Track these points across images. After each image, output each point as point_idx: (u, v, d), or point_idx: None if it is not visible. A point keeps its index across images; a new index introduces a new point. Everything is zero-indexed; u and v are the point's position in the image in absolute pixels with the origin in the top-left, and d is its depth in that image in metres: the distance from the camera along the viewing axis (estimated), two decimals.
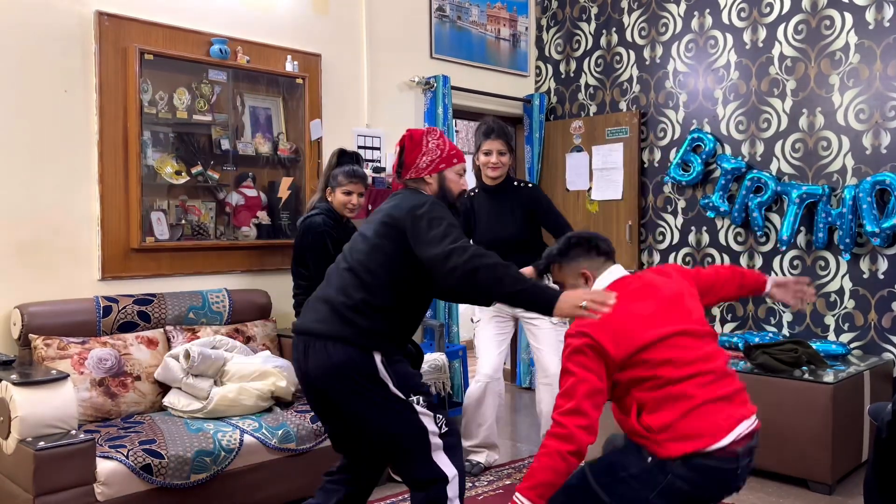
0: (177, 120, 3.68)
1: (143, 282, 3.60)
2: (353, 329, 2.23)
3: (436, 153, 2.45)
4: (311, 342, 2.27)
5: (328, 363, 2.23)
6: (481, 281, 2.12)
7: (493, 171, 3.60)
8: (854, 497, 3.40)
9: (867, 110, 4.11)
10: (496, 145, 3.57)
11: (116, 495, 2.64)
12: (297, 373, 2.38)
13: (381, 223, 2.32)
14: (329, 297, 2.31)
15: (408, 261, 2.25)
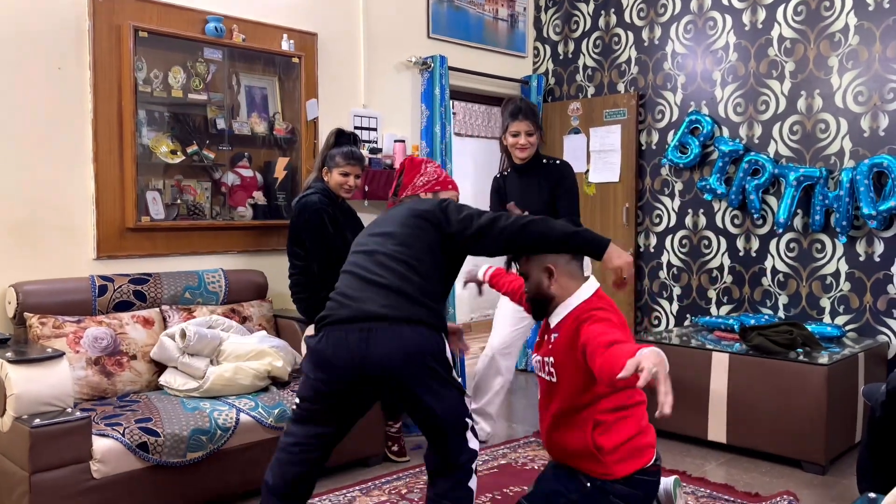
0: (172, 99, 3.65)
1: (139, 261, 3.59)
2: (426, 310, 2.23)
3: (433, 176, 2.64)
4: (376, 328, 2.18)
5: (403, 347, 2.16)
6: (533, 233, 2.30)
7: (522, 151, 3.60)
8: (847, 477, 3.42)
9: (866, 92, 4.09)
10: (524, 126, 3.56)
11: (112, 473, 2.64)
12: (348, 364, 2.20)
13: (408, 217, 2.37)
14: (384, 283, 2.25)
15: (443, 248, 2.35)
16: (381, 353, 2.17)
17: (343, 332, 2.22)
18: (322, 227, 3.32)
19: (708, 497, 3.13)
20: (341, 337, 2.21)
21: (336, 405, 2.28)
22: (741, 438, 3.70)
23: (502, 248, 2.39)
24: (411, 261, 2.28)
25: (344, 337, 2.21)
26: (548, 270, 2.38)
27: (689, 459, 3.67)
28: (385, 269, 2.28)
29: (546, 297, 2.41)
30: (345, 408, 2.31)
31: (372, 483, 3.26)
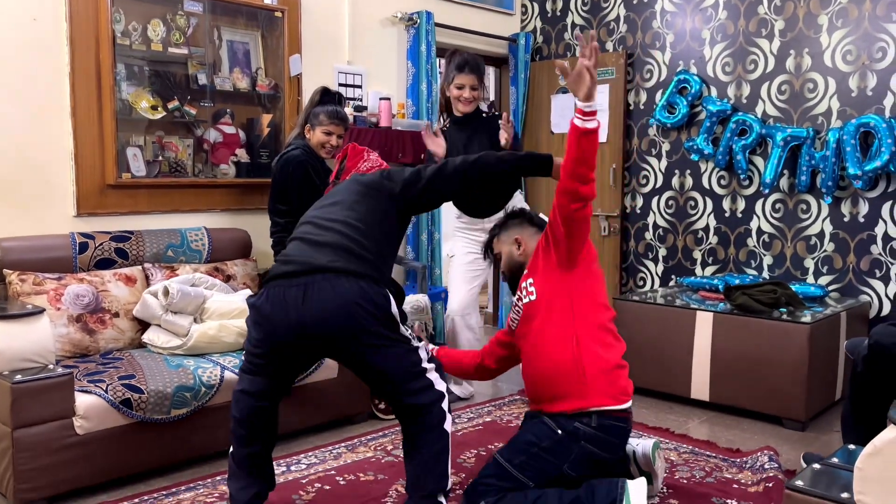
0: (151, 53, 3.57)
1: (120, 219, 3.54)
2: (368, 265, 2.25)
3: (376, 163, 2.76)
4: (314, 281, 2.17)
5: (341, 298, 2.15)
6: (483, 168, 2.44)
7: (466, 105, 3.63)
8: (826, 433, 3.48)
9: (854, 51, 4.07)
10: (469, 80, 3.59)
11: (96, 429, 2.64)
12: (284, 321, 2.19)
13: (353, 185, 2.47)
14: (326, 241, 2.27)
15: (394, 210, 2.43)
16: (317, 306, 2.16)
17: (281, 288, 2.22)
18: (308, 180, 3.29)
19: (690, 453, 3.17)
20: (279, 294, 2.22)
21: (277, 362, 2.31)
22: (724, 396, 3.74)
23: (458, 186, 2.47)
24: (356, 223, 2.34)
25: (282, 294, 2.21)
26: (517, 241, 2.69)
27: (673, 417, 3.71)
28: (330, 231, 2.32)
29: (519, 266, 2.67)
30: (286, 364, 2.34)
31: (358, 440, 3.27)
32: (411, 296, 3.97)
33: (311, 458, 3.05)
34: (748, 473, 2.92)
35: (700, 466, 3.01)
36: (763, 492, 2.72)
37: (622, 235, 5.12)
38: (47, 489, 2.55)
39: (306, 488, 2.75)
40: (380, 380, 2.30)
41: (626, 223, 5.13)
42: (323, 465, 2.99)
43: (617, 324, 2.57)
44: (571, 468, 2.38)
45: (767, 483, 2.76)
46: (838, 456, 2.08)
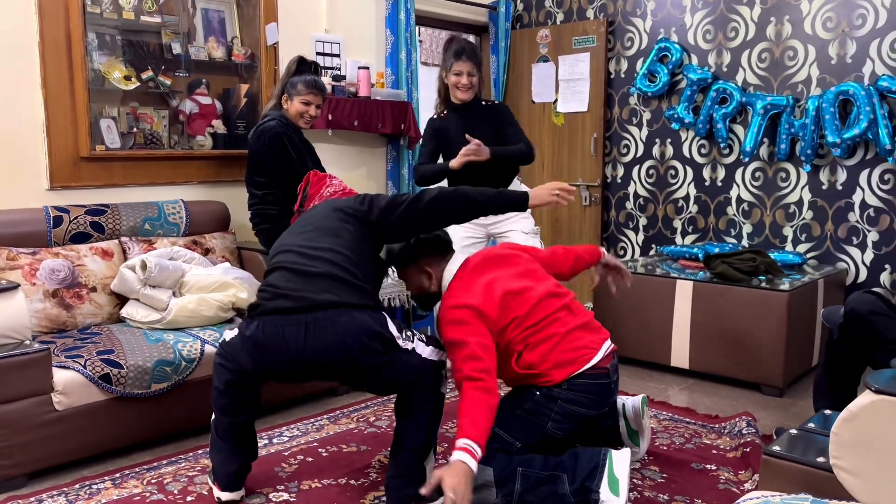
0: (123, 22, 3.49)
1: (95, 192, 3.48)
2: (362, 294, 2.25)
3: (339, 188, 2.75)
4: (314, 320, 2.16)
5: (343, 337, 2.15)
6: (456, 203, 2.41)
7: (464, 92, 3.56)
8: (803, 398, 3.53)
9: (835, 18, 4.06)
10: (466, 67, 3.52)
11: (75, 404, 2.62)
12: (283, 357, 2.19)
13: (330, 212, 2.45)
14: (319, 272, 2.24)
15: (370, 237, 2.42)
16: (319, 345, 2.17)
17: (279, 325, 2.18)
18: (284, 151, 3.23)
19: (669, 420, 3.20)
20: (277, 331, 2.18)
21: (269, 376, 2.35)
22: (703, 364, 3.79)
23: (434, 219, 2.44)
24: (345, 251, 2.31)
25: (280, 332, 2.18)
26: (426, 272, 2.56)
27: (653, 384, 3.75)
28: (319, 260, 2.28)
29: (434, 296, 2.61)
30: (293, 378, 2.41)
31: (340, 411, 3.28)
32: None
33: (294, 431, 3.05)
34: (727, 439, 2.97)
35: (679, 433, 3.04)
36: (741, 457, 2.76)
37: (603, 205, 5.13)
38: (27, 465, 2.54)
39: (289, 460, 2.76)
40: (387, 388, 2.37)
41: (607, 193, 5.13)
42: (305, 437, 2.99)
43: (597, 295, 2.59)
44: (556, 427, 2.40)
45: (745, 448, 2.80)
46: (814, 421, 2.11)
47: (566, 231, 5.29)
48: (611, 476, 2.28)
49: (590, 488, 2.26)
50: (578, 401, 2.41)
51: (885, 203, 3.98)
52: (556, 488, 2.28)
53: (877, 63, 3.93)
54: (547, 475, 2.30)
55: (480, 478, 2.31)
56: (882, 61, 3.91)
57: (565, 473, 2.30)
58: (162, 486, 2.53)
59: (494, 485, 2.30)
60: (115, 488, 2.52)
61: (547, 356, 2.41)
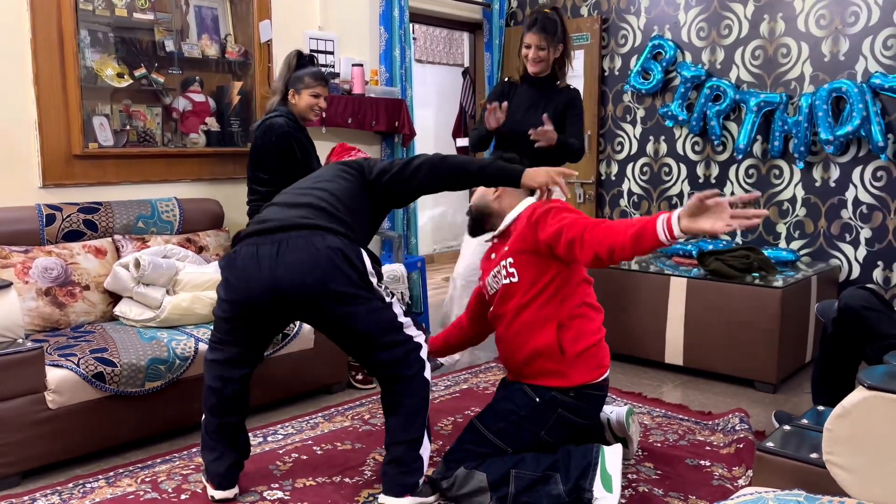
0: (116, 19, 3.47)
1: (88, 190, 3.46)
2: (343, 224, 2.25)
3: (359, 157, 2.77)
4: (289, 238, 2.16)
5: (316, 254, 2.13)
6: (448, 168, 2.38)
7: (533, 65, 3.49)
8: (797, 395, 3.55)
9: (828, 16, 4.07)
10: (535, 39, 3.44)
11: (68, 403, 2.61)
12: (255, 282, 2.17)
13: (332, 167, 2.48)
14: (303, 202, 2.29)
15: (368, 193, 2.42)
16: (292, 261, 2.14)
17: (254, 245, 2.21)
18: (290, 152, 3.23)
19: (663, 417, 3.21)
20: (252, 251, 2.20)
21: (248, 326, 2.31)
22: (697, 360, 3.80)
23: (424, 181, 2.41)
24: (333, 190, 2.35)
25: (255, 251, 2.19)
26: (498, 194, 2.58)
27: (647, 381, 3.76)
28: (307, 195, 2.33)
29: (486, 212, 2.60)
30: (257, 328, 2.33)
31: (335, 409, 3.27)
32: (388, 265, 3.95)
33: (288, 429, 3.05)
34: (720, 435, 2.97)
35: (673, 430, 3.05)
36: (735, 453, 2.77)
37: (597, 202, 5.13)
38: (20, 464, 2.53)
39: (283, 458, 2.76)
40: (356, 339, 2.29)
41: (601, 190, 5.14)
42: (300, 435, 2.99)
43: (594, 290, 2.58)
44: (548, 434, 2.41)
45: (738, 444, 2.81)
46: (808, 417, 2.12)
47: None
48: (603, 473, 2.29)
49: (583, 487, 2.27)
50: (579, 411, 2.41)
51: (877, 200, 3.99)
52: (550, 489, 2.28)
53: (870, 60, 3.94)
54: (540, 475, 2.30)
55: (473, 483, 2.32)
56: (875, 58, 3.92)
57: (558, 473, 2.30)
58: (156, 485, 2.53)
59: (489, 489, 2.30)
60: (108, 487, 2.51)
61: (584, 354, 2.38)
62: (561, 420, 2.40)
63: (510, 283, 2.44)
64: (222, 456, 2.38)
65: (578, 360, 2.38)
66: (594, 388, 2.43)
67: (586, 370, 2.39)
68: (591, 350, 2.41)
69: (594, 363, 2.42)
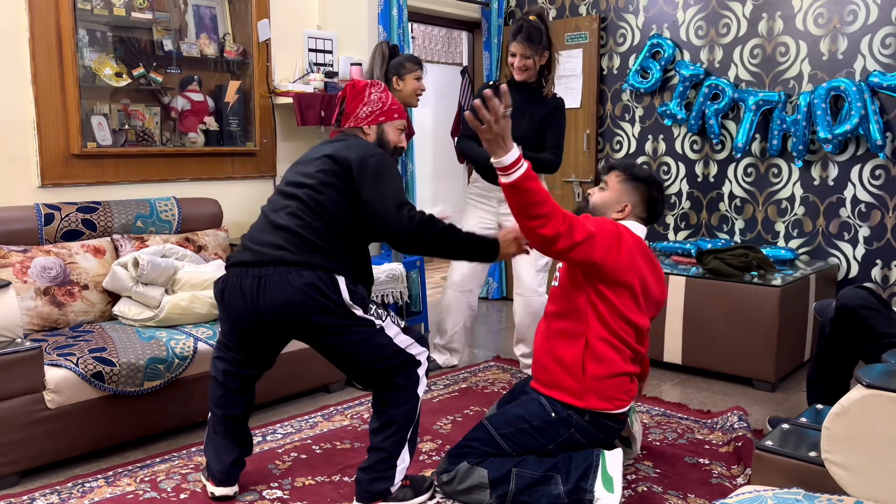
0: (114, 18, 3.47)
1: (87, 189, 3.46)
2: (321, 255, 2.22)
3: (377, 105, 2.48)
4: (268, 275, 2.18)
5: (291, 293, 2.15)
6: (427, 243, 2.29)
7: (519, 74, 3.53)
8: (795, 393, 3.55)
9: (826, 14, 4.07)
10: (520, 48, 3.47)
11: (67, 402, 2.61)
12: (242, 310, 2.22)
13: (329, 161, 2.30)
14: (282, 225, 2.25)
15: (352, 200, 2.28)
16: (270, 299, 2.18)
17: (239, 278, 2.24)
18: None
19: (662, 415, 3.21)
20: (236, 284, 2.24)
21: (248, 344, 2.35)
22: (696, 359, 3.80)
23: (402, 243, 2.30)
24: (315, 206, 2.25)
25: (239, 284, 2.24)
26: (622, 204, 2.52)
27: None
28: (286, 211, 2.27)
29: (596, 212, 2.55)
30: (258, 345, 2.37)
31: (335, 408, 3.27)
32: (386, 264, 3.95)
33: (287, 428, 3.05)
34: (719, 434, 2.98)
35: (672, 428, 3.06)
36: (733, 451, 2.77)
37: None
38: (20, 464, 2.53)
39: (282, 457, 2.76)
40: (351, 364, 2.32)
41: None
42: (299, 434, 2.99)
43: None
44: (555, 448, 2.42)
45: (737, 442, 2.81)
46: (806, 416, 2.12)
47: None
48: (604, 474, 2.29)
49: (583, 488, 2.27)
50: (591, 436, 2.42)
51: (876, 199, 4.00)
52: (550, 489, 2.29)
53: (868, 59, 3.94)
54: (541, 476, 2.31)
55: (474, 479, 2.32)
56: (873, 57, 3.92)
57: (559, 474, 2.31)
58: (155, 484, 2.53)
59: (489, 486, 2.30)
60: (108, 486, 2.51)
61: (604, 381, 2.38)
62: (571, 439, 2.41)
63: (554, 285, 2.53)
64: (225, 451, 2.40)
65: (597, 386, 2.37)
66: (610, 419, 2.43)
67: (603, 397, 2.39)
68: (612, 380, 2.39)
69: (613, 394, 2.40)
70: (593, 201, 2.58)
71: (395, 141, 2.52)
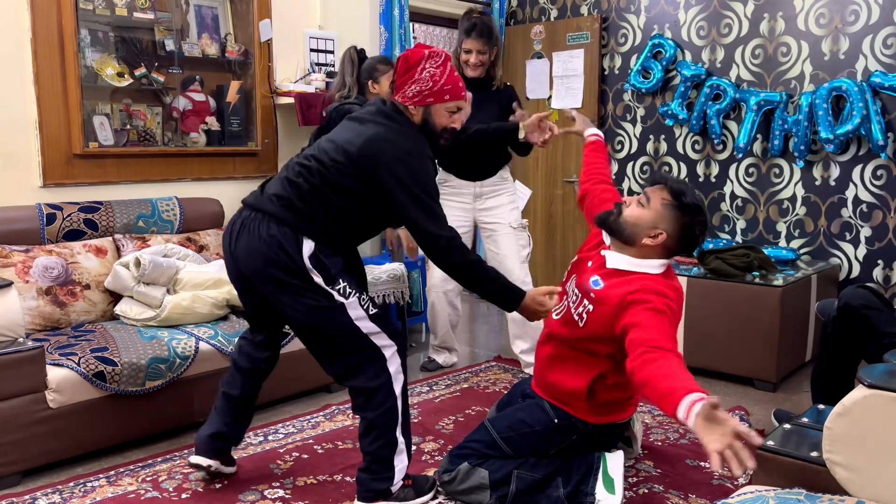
0: (116, 18, 3.47)
1: (89, 189, 3.46)
2: (295, 214, 2.20)
3: (427, 84, 2.26)
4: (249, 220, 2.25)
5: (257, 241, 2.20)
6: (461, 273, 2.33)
7: (473, 70, 3.54)
8: (796, 393, 3.55)
9: (827, 14, 4.07)
10: (476, 45, 3.49)
11: (69, 402, 2.61)
12: (226, 253, 2.32)
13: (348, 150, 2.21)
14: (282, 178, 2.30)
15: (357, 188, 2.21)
16: (242, 243, 2.24)
17: (236, 217, 2.33)
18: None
19: (663, 415, 3.21)
20: (231, 221, 2.34)
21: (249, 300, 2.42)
22: (697, 359, 3.79)
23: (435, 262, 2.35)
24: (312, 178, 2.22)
25: (231, 223, 2.33)
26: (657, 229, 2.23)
27: None
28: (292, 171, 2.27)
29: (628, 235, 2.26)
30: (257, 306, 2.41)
31: (336, 408, 3.27)
32: (388, 264, 3.95)
33: (289, 428, 3.05)
34: None
35: (674, 428, 3.05)
36: None
37: None
38: (21, 463, 2.53)
39: (284, 457, 2.76)
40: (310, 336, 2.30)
41: None
42: (301, 434, 2.99)
43: None
44: (557, 453, 2.41)
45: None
46: (808, 416, 2.12)
47: (560, 227, 5.30)
48: (605, 476, 2.29)
49: (584, 491, 2.28)
50: (593, 441, 2.41)
51: (877, 199, 3.99)
52: (551, 491, 2.29)
53: (870, 59, 3.94)
54: (542, 477, 2.31)
55: (475, 480, 2.32)
56: (875, 57, 3.92)
57: (560, 476, 2.31)
58: (157, 484, 2.53)
59: (489, 487, 2.30)
60: (109, 486, 2.52)
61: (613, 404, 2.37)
62: (573, 445, 2.40)
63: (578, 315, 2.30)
64: (210, 422, 2.48)
65: (603, 408, 2.37)
66: (614, 426, 2.44)
67: (609, 415, 2.40)
68: (622, 403, 2.41)
69: (618, 410, 2.41)
70: (626, 215, 2.27)
71: (444, 122, 2.32)
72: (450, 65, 2.29)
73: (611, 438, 2.47)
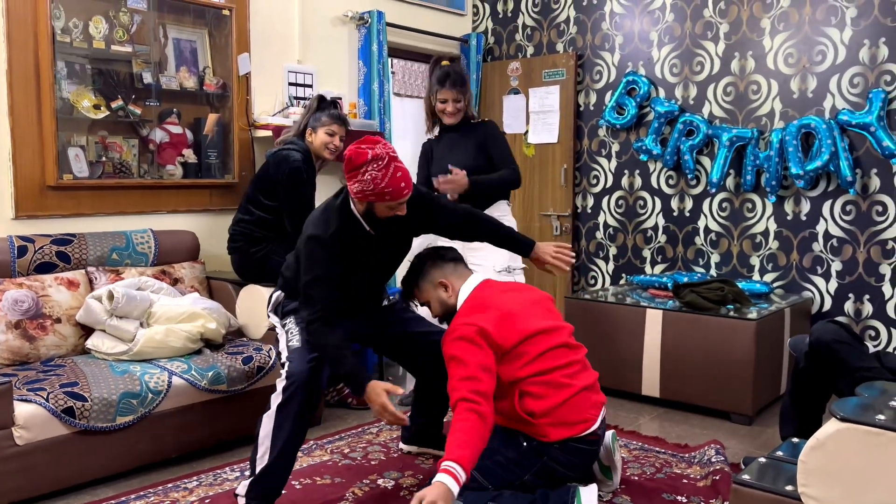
0: (94, 51, 3.47)
1: (62, 221, 3.43)
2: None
3: (368, 185, 2.34)
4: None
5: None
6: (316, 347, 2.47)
7: (450, 118, 3.61)
8: (772, 426, 3.56)
9: (795, 54, 4.18)
10: (451, 94, 3.56)
11: (37, 439, 2.55)
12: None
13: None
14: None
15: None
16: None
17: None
18: (297, 188, 3.30)
19: (640, 449, 3.21)
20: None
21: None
22: (673, 392, 3.81)
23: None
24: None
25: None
26: (442, 285, 2.60)
27: (623, 414, 3.76)
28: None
29: (453, 308, 2.57)
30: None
31: (314, 443, 3.23)
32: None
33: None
34: (697, 468, 2.98)
35: (650, 462, 3.05)
36: (711, 485, 2.77)
37: (573, 235, 5.17)
38: None
39: None
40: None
41: (577, 222, 5.18)
42: None
43: (570, 321, 2.59)
44: (532, 480, 2.41)
45: (714, 476, 2.81)
46: (783, 449, 2.13)
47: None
48: None
49: None
50: (564, 463, 2.41)
51: (847, 233, 4.07)
52: None
53: (837, 97, 4.04)
54: None
55: None
56: (842, 96, 4.03)
57: None
58: None
59: None
60: None
61: (551, 412, 2.38)
62: (546, 468, 2.40)
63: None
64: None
65: (548, 419, 2.38)
66: (581, 442, 2.42)
67: (566, 426, 2.39)
68: (564, 407, 2.39)
69: (574, 418, 2.40)
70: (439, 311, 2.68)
71: (385, 215, 2.46)
72: (393, 166, 2.33)
73: (583, 457, 2.45)
